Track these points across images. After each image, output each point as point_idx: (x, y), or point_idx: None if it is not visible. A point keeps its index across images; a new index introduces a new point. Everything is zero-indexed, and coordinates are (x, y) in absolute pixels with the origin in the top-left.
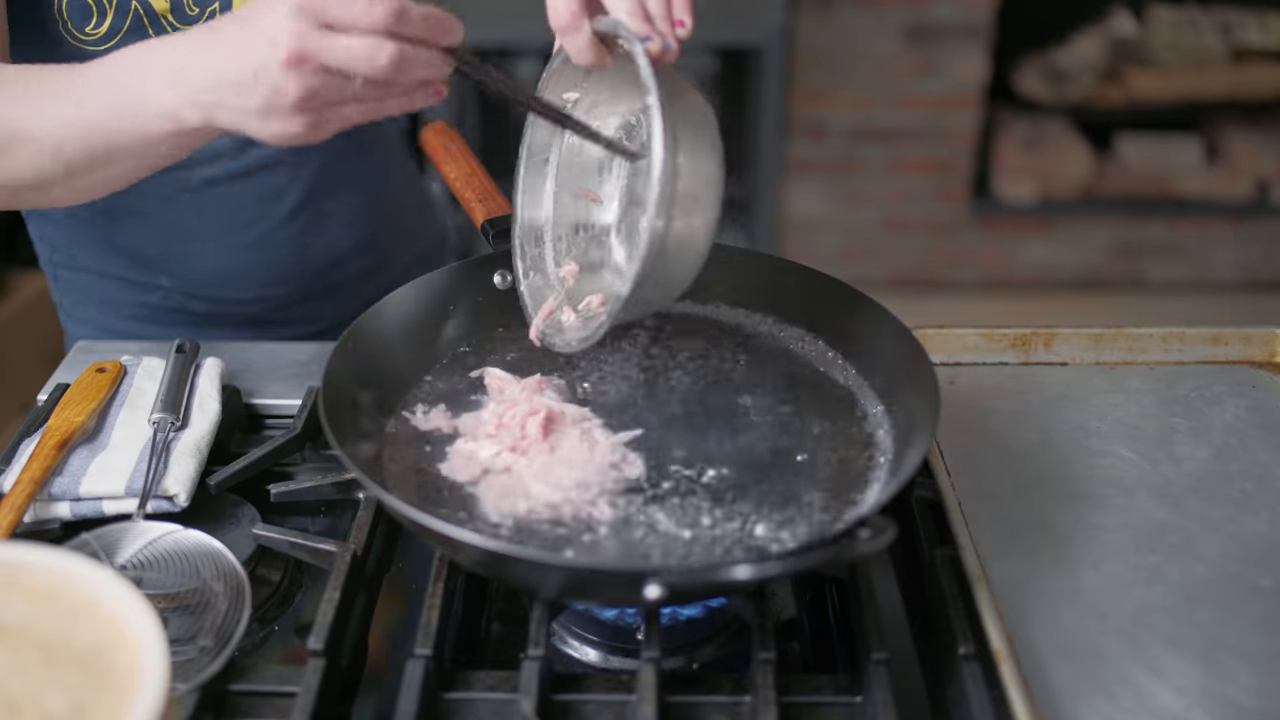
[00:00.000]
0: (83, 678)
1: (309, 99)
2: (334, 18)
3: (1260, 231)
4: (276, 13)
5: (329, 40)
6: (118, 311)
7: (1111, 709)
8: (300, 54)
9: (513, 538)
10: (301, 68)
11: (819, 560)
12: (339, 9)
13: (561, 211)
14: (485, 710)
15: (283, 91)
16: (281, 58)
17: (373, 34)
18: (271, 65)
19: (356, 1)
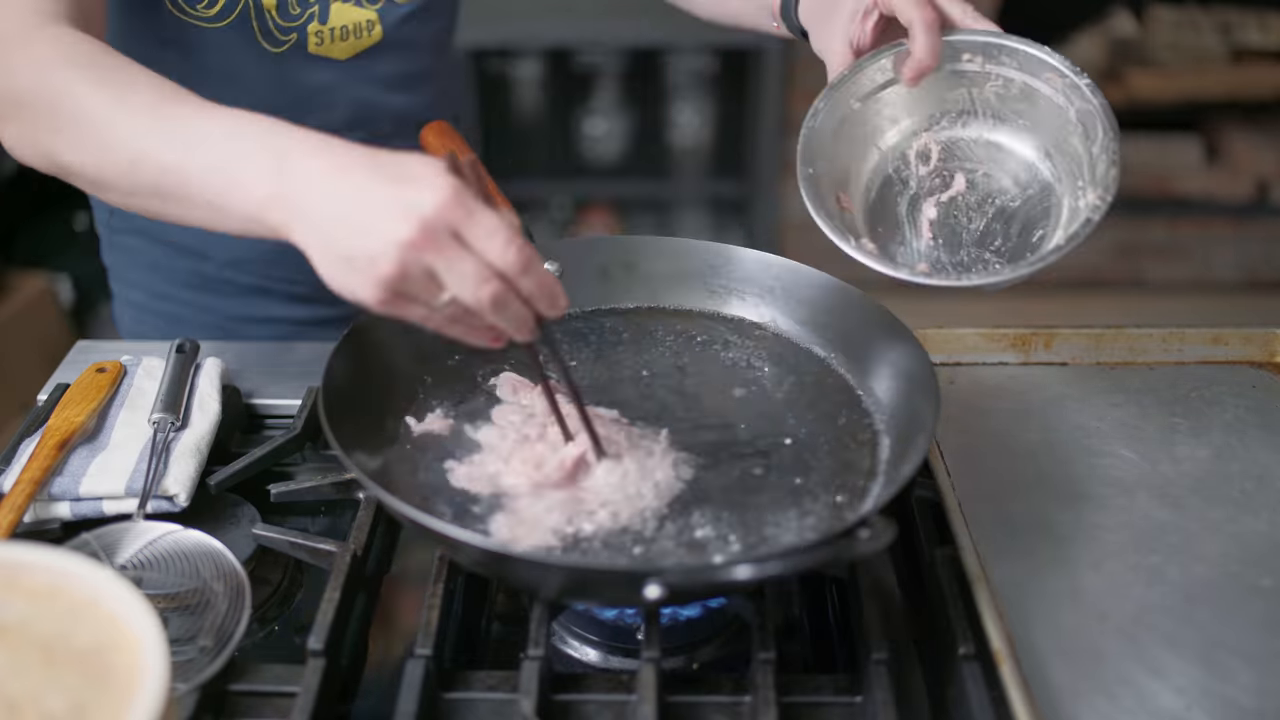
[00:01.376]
0: (83, 678)
1: (397, 282)
2: (470, 234)
3: (1260, 231)
4: (428, 192)
5: (452, 251)
6: (167, 277)
7: (1111, 709)
8: (421, 246)
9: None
10: (410, 256)
11: (819, 560)
12: (477, 230)
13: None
14: (485, 710)
15: (380, 263)
16: (403, 238)
17: (487, 271)
18: (389, 235)
19: (499, 234)
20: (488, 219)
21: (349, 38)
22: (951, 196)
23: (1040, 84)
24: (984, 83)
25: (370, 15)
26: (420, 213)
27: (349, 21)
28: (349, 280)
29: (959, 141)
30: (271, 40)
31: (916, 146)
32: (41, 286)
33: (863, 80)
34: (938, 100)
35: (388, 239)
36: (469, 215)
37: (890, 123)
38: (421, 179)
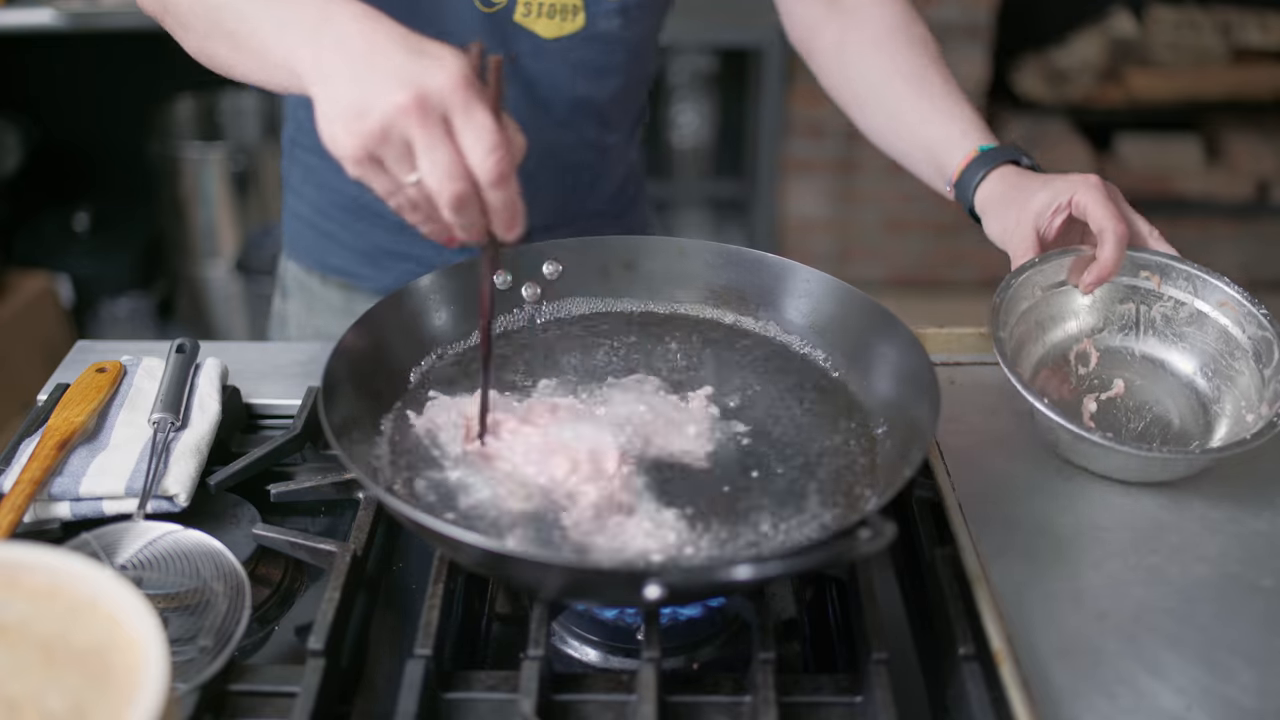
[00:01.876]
0: (83, 678)
1: (376, 142)
2: (460, 125)
3: (1260, 231)
4: (438, 70)
5: (436, 134)
6: (331, 198)
7: (1111, 709)
8: (409, 114)
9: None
10: (396, 119)
11: (819, 560)
12: (468, 126)
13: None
14: (485, 710)
15: (367, 118)
16: (396, 100)
17: (460, 168)
18: (384, 95)
19: (486, 139)
20: (482, 118)
21: (555, 16)
22: (1110, 397)
23: (1211, 309)
24: (1154, 302)
25: (576, 1)
26: (421, 84)
27: (558, 0)
28: (334, 130)
29: (1120, 351)
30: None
31: (1077, 349)
32: (41, 286)
33: (1047, 271)
34: (1106, 309)
35: (382, 97)
36: (466, 106)
37: (1057, 321)
38: (437, 56)
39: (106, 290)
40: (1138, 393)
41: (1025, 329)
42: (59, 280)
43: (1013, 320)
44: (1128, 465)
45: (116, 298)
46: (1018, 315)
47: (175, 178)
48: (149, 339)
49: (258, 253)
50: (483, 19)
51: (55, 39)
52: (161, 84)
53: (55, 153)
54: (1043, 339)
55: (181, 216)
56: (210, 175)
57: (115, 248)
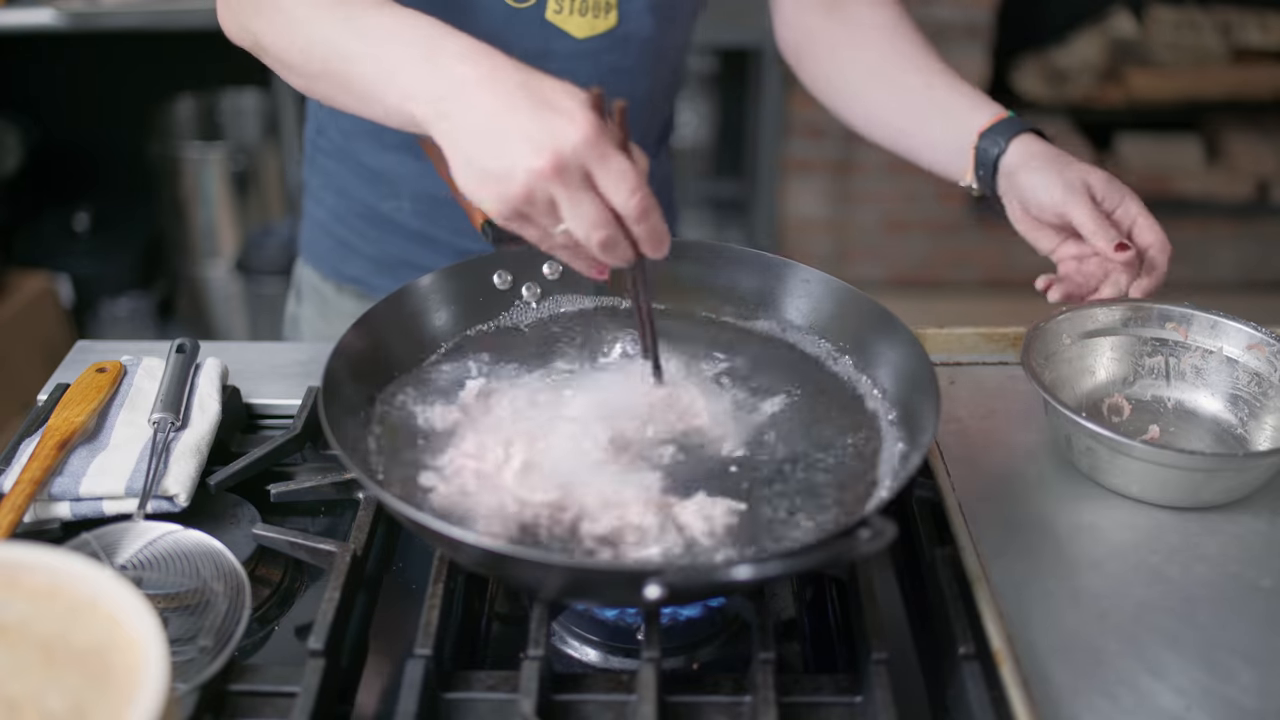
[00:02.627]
0: (83, 678)
1: (521, 203)
2: (599, 175)
3: (1260, 231)
4: (570, 128)
5: (577, 188)
6: (349, 204)
7: (1111, 709)
8: (550, 177)
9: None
10: (538, 184)
11: (819, 560)
12: (606, 173)
13: None
14: (485, 710)
15: (511, 183)
16: (536, 166)
17: (605, 215)
18: (524, 160)
19: (626, 181)
20: (618, 164)
21: (587, 14)
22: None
23: (1240, 353)
24: (1183, 354)
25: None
26: (556, 145)
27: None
28: (480, 190)
29: (1152, 403)
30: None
31: (1109, 402)
32: (41, 286)
33: (1076, 320)
34: (1135, 362)
35: (522, 163)
36: (602, 157)
37: (1086, 373)
38: (565, 111)
39: (106, 290)
40: (1173, 439)
41: (1054, 376)
42: (59, 280)
43: (1042, 359)
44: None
45: (116, 298)
46: (1046, 356)
47: (175, 178)
48: (149, 339)
49: (258, 253)
50: (512, 15)
51: (55, 39)
52: (161, 84)
53: (55, 153)
54: (1073, 388)
55: (181, 216)
56: (210, 175)
57: (115, 248)
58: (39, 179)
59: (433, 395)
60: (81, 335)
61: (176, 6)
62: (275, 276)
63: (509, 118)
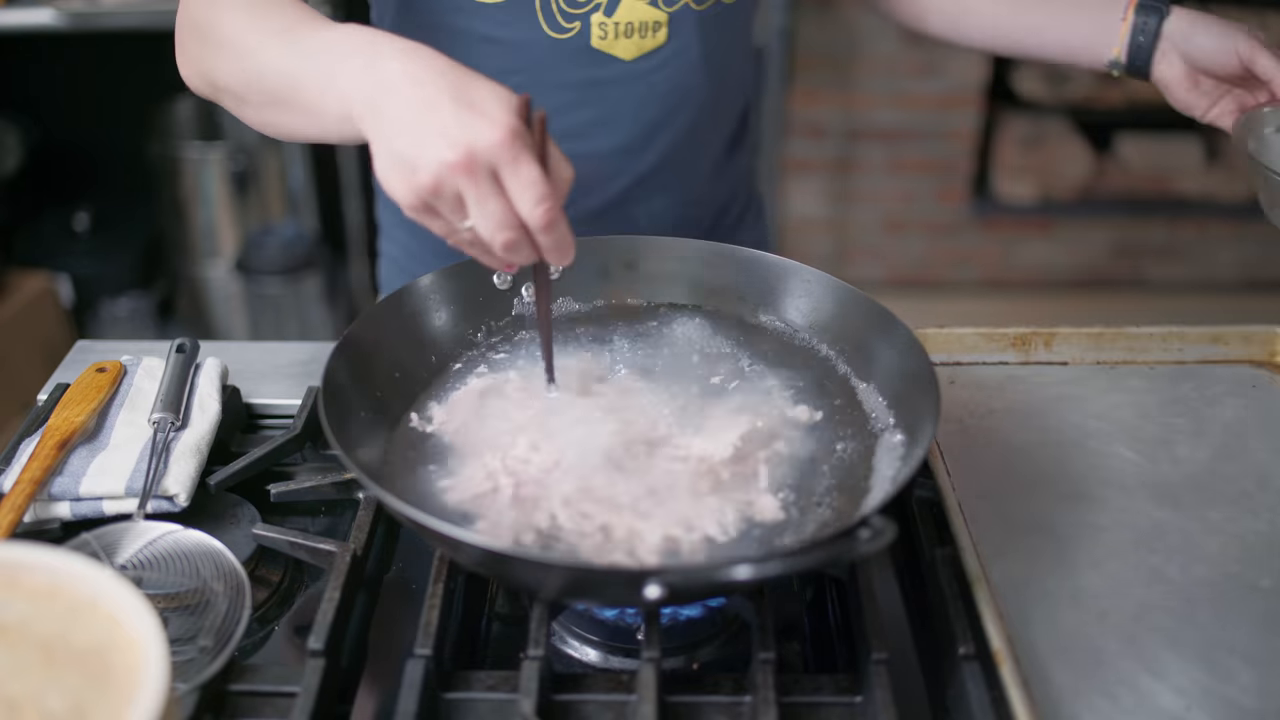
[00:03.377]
0: (83, 678)
1: (429, 194)
2: (508, 179)
3: (1260, 231)
4: (488, 128)
5: (485, 188)
6: (422, 240)
7: (1111, 709)
8: (459, 172)
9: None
10: (447, 177)
11: (819, 560)
12: (516, 179)
13: None
14: (485, 710)
15: (420, 173)
16: (447, 159)
17: (510, 218)
18: (436, 152)
19: (533, 190)
20: (529, 172)
21: (633, 35)
22: None
23: None
24: None
25: (659, 16)
26: (470, 142)
27: (635, 19)
28: (390, 178)
29: None
30: (554, 25)
31: None
32: (41, 286)
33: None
34: None
35: (433, 154)
36: (513, 161)
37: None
38: (487, 113)
39: (106, 290)
40: None
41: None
42: (59, 280)
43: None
44: None
45: (116, 298)
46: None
47: (175, 178)
48: (149, 339)
49: (258, 253)
50: (555, 46)
51: (55, 39)
52: (161, 84)
53: (55, 153)
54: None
55: (181, 216)
56: (210, 175)
57: (115, 248)
58: (39, 179)
59: (434, 398)
60: (81, 335)
61: (176, 6)
62: (275, 276)
63: (432, 113)
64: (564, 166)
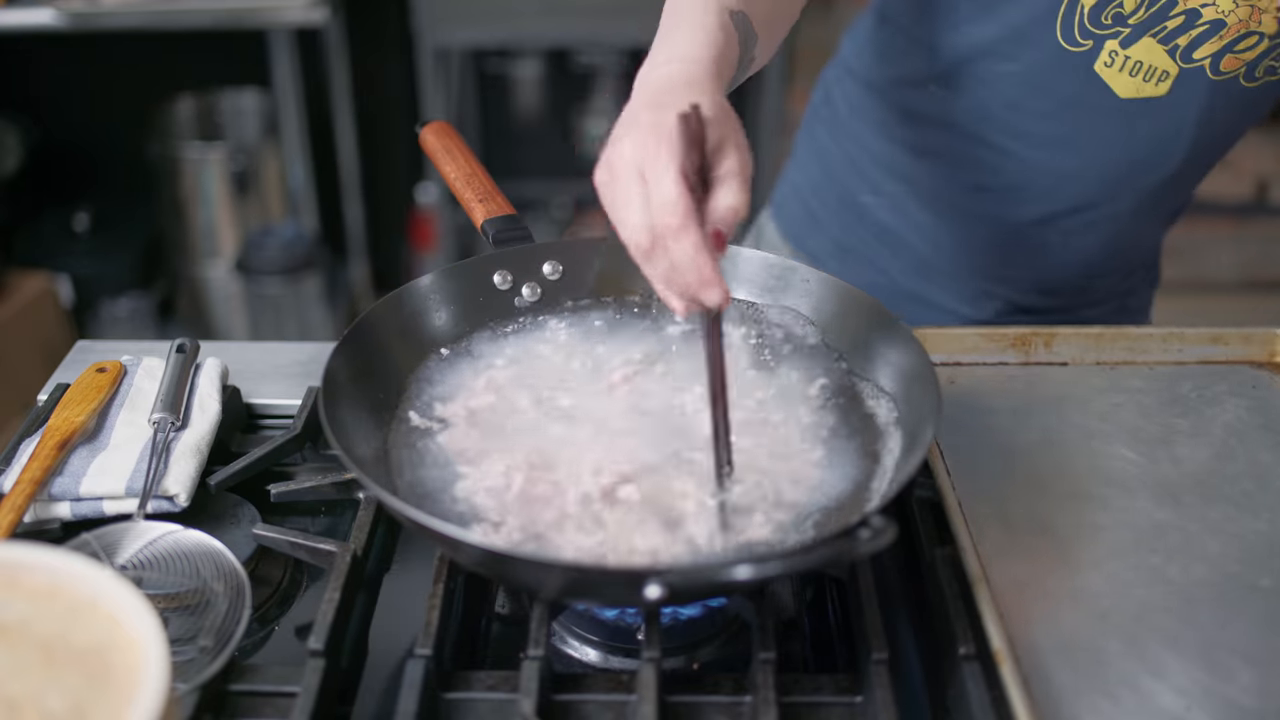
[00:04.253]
0: (83, 678)
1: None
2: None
3: (1260, 231)
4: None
5: (626, 190)
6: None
7: (1112, 709)
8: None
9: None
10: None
11: (819, 560)
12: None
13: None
14: (485, 710)
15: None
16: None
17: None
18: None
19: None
20: (668, 175)
21: (1138, 75)
22: None
23: None
24: None
25: (1171, 67)
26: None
27: (1146, 60)
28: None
29: None
30: (1069, 38)
31: None
32: (41, 286)
33: None
34: None
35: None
36: (650, 161)
37: None
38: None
39: (106, 290)
40: None
41: None
42: (59, 280)
43: None
44: None
45: (116, 298)
46: None
47: (175, 178)
48: (149, 339)
49: (258, 253)
50: (1062, 56)
51: (55, 39)
52: (161, 84)
53: (55, 153)
54: None
55: (181, 216)
56: (210, 175)
57: (115, 248)
58: (39, 179)
59: (434, 398)
60: (81, 335)
61: (176, 6)
62: (275, 276)
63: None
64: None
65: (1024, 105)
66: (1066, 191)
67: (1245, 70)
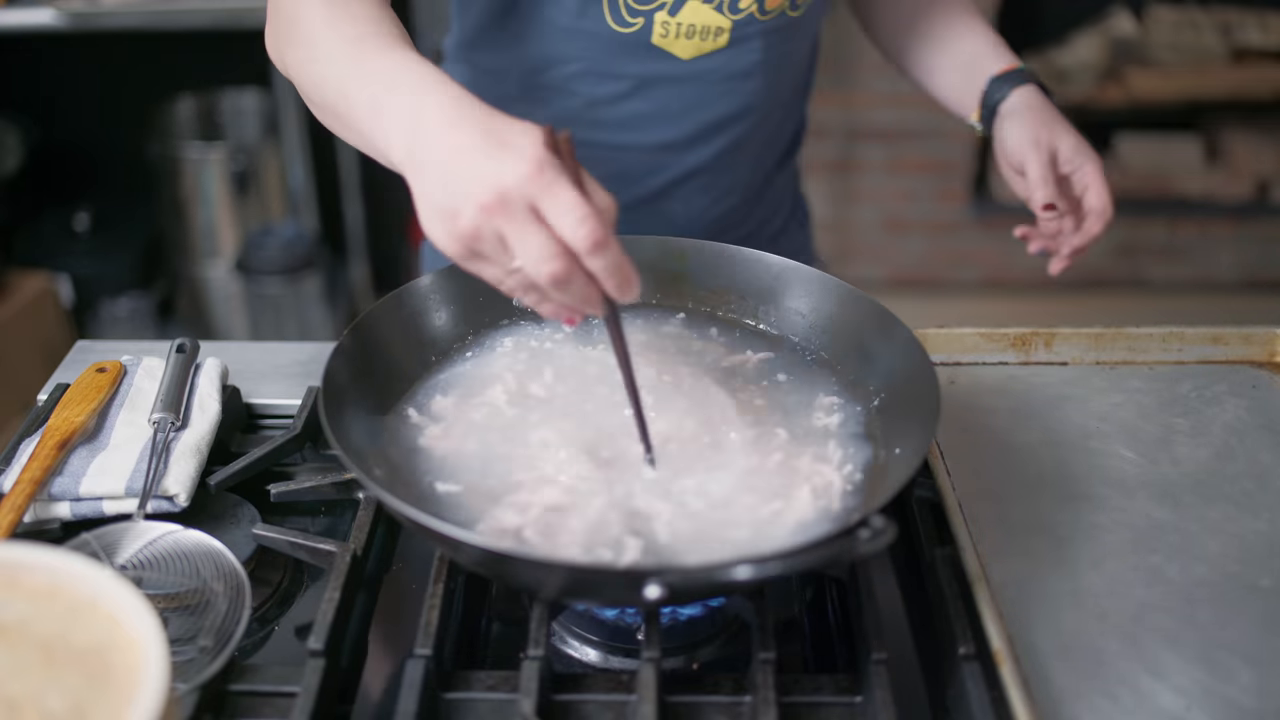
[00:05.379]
0: (83, 678)
1: (471, 240)
2: (546, 208)
3: (1260, 231)
4: (517, 163)
5: (523, 223)
6: None
7: (1111, 709)
8: (495, 212)
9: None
10: (484, 220)
11: (819, 560)
12: (553, 206)
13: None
14: (485, 710)
15: (459, 220)
16: (481, 200)
17: (553, 248)
18: (471, 196)
19: (573, 213)
20: (565, 196)
21: (694, 37)
22: None
23: None
24: None
25: (723, 23)
26: (501, 181)
27: (698, 22)
28: (434, 229)
29: None
30: (619, 19)
31: None
32: (41, 286)
33: None
34: None
35: (469, 199)
36: (547, 189)
37: None
38: (515, 149)
39: (106, 290)
40: None
41: None
42: (59, 280)
43: None
44: None
45: (116, 298)
46: None
47: (175, 178)
48: (149, 339)
49: (258, 253)
50: (619, 41)
51: (55, 39)
52: (161, 84)
53: (55, 153)
54: None
55: (181, 216)
56: (210, 175)
57: (115, 248)
58: (39, 179)
59: (434, 398)
60: (81, 335)
61: (176, 6)
62: (275, 276)
63: (465, 156)
64: (602, 194)
65: (601, 96)
66: (671, 162)
67: (788, 3)
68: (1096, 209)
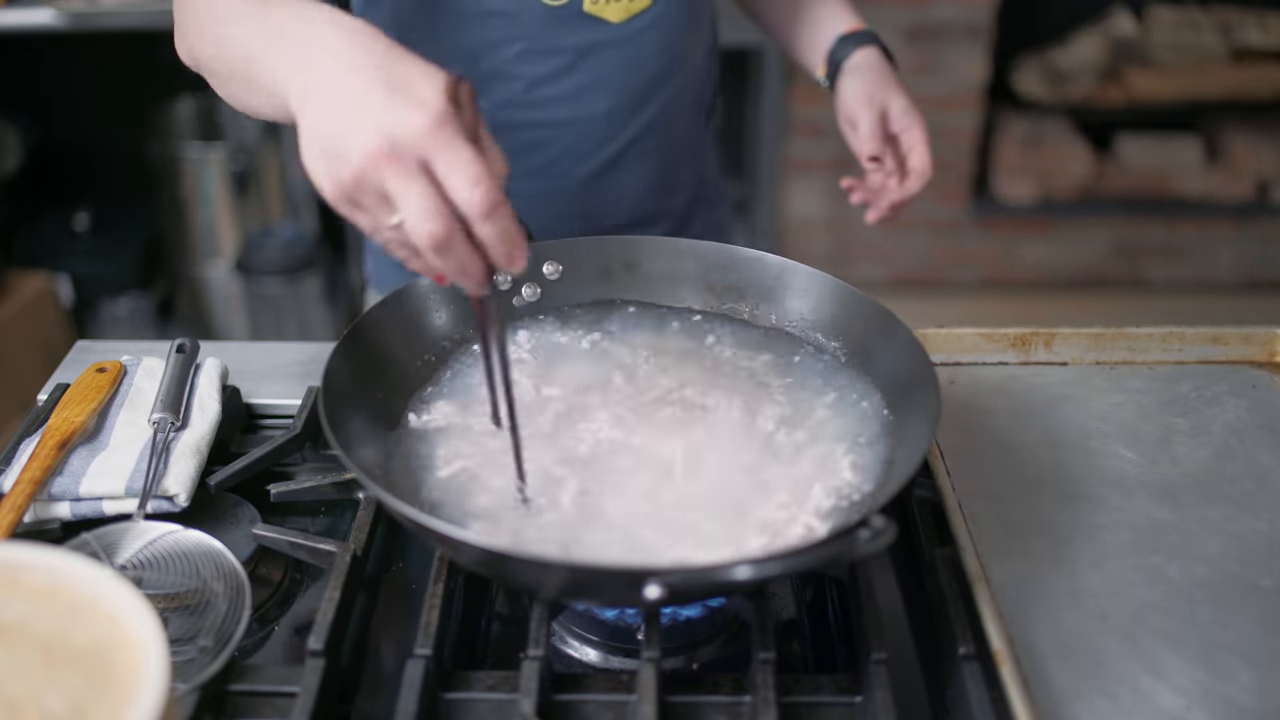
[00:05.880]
0: (83, 678)
1: (352, 188)
2: (438, 165)
3: (1260, 231)
4: (416, 113)
5: (411, 177)
6: None
7: (1111, 709)
8: (382, 162)
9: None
10: (370, 167)
11: (818, 560)
12: (446, 163)
13: None
14: (485, 710)
15: (344, 165)
16: (370, 148)
17: (438, 208)
18: (360, 142)
19: (467, 169)
20: (462, 154)
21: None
22: None
23: None
24: None
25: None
26: (395, 131)
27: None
28: (316, 169)
29: None
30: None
31: None
32: (41, 286)
33: None
34: None
35: (357, 145)
36: (443, 146)
37: None
38: (416, 98)
39: (106, 290)
40: None
41: None
42: (59, 280)
43: None
44: None
45: (116, 298)
46: None
47: (175, 178)
48: (149, 339)
49: (258, 253)
50: (552, 15)
51: (55, 39)
52: (161, 84)
53: (55, 153)
54: None
55: (181, 216)
56: (210, 175)
57: (115, 248)
58: (39, 179)
59: (434, 398)
60: (81, 335)
61: None
62: (275, 276)
63: (359, 100)
64: (497, 156)
65: (542, 74)
66: (618, 130)
67: None
68: (918, 169)
